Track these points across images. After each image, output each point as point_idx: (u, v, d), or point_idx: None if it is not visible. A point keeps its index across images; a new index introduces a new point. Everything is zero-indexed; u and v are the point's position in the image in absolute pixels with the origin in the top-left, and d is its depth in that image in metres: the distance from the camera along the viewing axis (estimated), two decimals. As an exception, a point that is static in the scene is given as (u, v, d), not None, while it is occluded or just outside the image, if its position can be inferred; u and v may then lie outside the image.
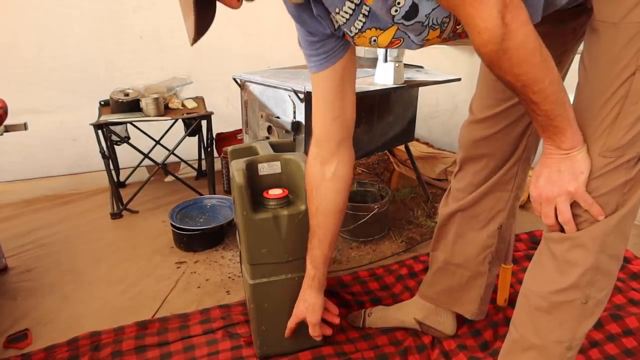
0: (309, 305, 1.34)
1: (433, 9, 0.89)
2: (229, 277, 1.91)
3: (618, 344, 1.45)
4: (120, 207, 2.43)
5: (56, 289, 1.85)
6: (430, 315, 1.50)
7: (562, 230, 1.00)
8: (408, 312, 1.54)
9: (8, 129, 1.88)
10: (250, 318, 1.48)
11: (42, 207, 2.52)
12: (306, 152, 1.71)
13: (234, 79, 2.09)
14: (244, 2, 0.93)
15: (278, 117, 1.93)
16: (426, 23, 0.91)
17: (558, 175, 0.95)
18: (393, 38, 0.99)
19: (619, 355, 1.42)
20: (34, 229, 2.29)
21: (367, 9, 0.93)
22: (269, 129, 1.97)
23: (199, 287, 1.86)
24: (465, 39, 0.98)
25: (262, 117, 2.00)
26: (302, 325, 1.43)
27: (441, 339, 1.49)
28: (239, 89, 2.11)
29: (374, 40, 1.00)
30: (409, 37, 0.99)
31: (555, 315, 1.05)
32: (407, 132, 2.38)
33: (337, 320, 1.42)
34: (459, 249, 1.38)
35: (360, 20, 0.95)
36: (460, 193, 1.34)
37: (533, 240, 2.05)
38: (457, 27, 0.96)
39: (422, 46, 1.02)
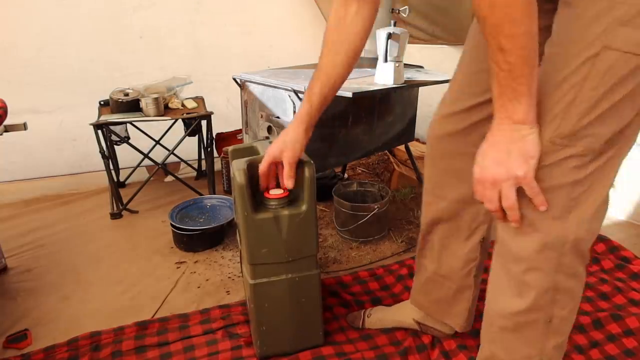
0: (291, 140, 1.21)
1: None
2: (229, 277, 1.91)
3: (618, 344, 1.45)
4: (120, 207, 2.43)
5: (56, 289, 1.85)
6: (429, 316, 1.49)
7: (504, 216, 0.94)
8: (407, 313, 1.53)
9: (8, 129, 1.88)
10: (250, 318, 1.48)
11: (42, 207, 2.52)
12: (307, 152, 1.71)
13: (234, 79, 2.09)
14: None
15: (278, 117, 1.93)
16: None
17: (507, 157, 0.87)
18: None
19: (619, 356, 1.42)
20: (34, 229, 2.29)
21: None
22: (269, 129, 1.97)
23: (199, 287, 1.85)
24: None
25: (262, 117, 2.00)
26: (302, 325, 1.43)
27: (441, 339, 1.49)
28: (239, 89, 2.11)
29: None
30: None
31: (521, 334, 1.03)
32: (407, 132, 2.38)
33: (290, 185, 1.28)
34: (445, 260, 1.35)
35: None
36: (439, 201, 1.29)
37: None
38: None
39: None
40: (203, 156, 2.76)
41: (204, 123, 2.44)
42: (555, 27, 0.90)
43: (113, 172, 2.48)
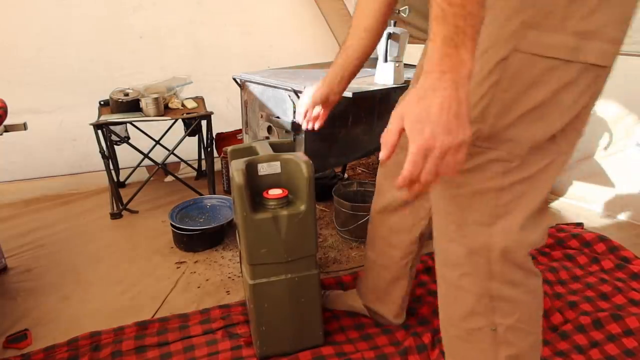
0: (328, 84, 1.35)
1: None
2: (229, 277, 1.91)
3: (618, 344, 1.45)
4: (120, 207, 2.43)
5: (56, 289, 1.85)
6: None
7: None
8: (357, 298, 1.60)
9: (8, 129, 1.88)
10: (250, 318, 1.48)
11: (42, 207, 2.52)
12: (306, 152, 1.71)
13: (234, 79, 2.09)
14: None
15: (278, 117, 1.93)
16: None
17: (457, 113, 0.72)
18: None
19: (619, 356, 1.42)
20: (34, 229, 2.30)
21: None
22: (269, 129, 1.97)
23: (199, 287, 1.85)
24: None
25: (262, 117, 2.00)
26: (302, 325, 1.43)
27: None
28: (239, 89, 2.10)
29: None
30: None
31: (472, 343, 1.03)
32: (407, 132, 2.37)
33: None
34: (386, 251, 1.42)
35: None
36: (387, 192, 1.36)
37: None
38: None
39: None
40: (203, 156, 2.76)
41: (204, 123, 2.44)
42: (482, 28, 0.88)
43: (113, 172, 2.48)
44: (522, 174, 0.88)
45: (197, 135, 2.61)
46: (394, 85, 1.92)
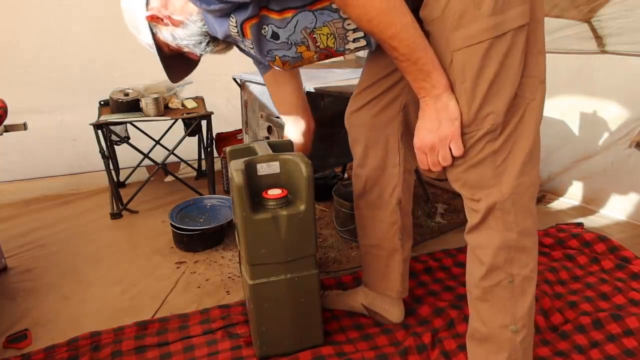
0: None
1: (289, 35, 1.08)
2: (229, 277, 1.91)
3: (618, 344, 1.45)
4: (120, 207, 2.43)
5: (56, 289, 1.85)
6: (376, 302, 1.58)
7: (444, 176, 1.13)
8: (357, 298, 1.62)
9: (8, 129, 1.88)
10: (250, 318, 1.48)
11: (42, 207, 2.52)
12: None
13: (234, 79, 2.09)
14: None
15: (278, 117, 1.93)
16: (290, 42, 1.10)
17: (438, 126, 1.03)
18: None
19: (619, 356, 1.42)
20: (34, 229, 2.30)
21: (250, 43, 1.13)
22: (269, 129, 1.97)
23: (198, 287, 1.85)
24: (335, 54, 1.18)
25: (262, 117, 2.00)
26: (302, 325, 1.43)
27: (442, 339, 1.49)
28: (239, 89, 2.10)
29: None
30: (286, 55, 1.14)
31: (491, 302, 1.14)
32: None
33: None
34: (372, 230, 1.49)
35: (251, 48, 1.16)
36: (357, 179, 1.47)
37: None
38: (317, 44, 1.11)
39: (299, 60, 1.17)
40: (203, 156, 2.76)
41: (204, 123, 2.44)
42: None
43: (113, 172, 2.49)
44: (506, 133, 1.04)
45: (197, 135, 2.61)
46: (394, 85, 1.92)
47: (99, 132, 2.27)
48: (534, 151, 1.08)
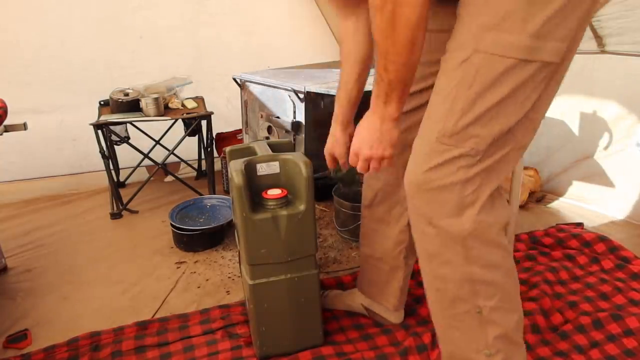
0: (335, 140, 1.39)
1: None
2: (229, 277, 1.91)
3: (618, 344, 1.45)
4: (120, 207, 2.43)
5: (56, 289, 1.85)
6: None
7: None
8: (356, 299, 1.61)
9: (8, 129, 1.88)
10: (250, 318, 1.48)
11: (42, 207, 2.52)
12: (306, 152, 1.71)
13: (234, 79, 2.09)
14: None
15: (278, 117, 1.93)
16: None
17: (379, 143, 1.05)
18: None
19: (619, 356, 1.42)
20: (34, 229, 2.30)
21: None
22: (269, 129, 1.97)
23: (199, 287, 1.85)
24: None
25: (262, 117, 2.00)
26: (302, 325, 1.43)
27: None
28: (239, 89, 2.11)
29: None
30: None
31: (461, 329, 1.09)
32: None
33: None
34: (378, 243, 1.45)
35: None
36: (368, 189, 1.43)
37: (533, 241, 2.04)
38: None
39: None
40: (203, 156, 2.76)
41: (204, 123, 2.44)
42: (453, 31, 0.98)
43: (113, 172, 2.48)
44: (483, 165, 0.97)
45: (197, 135, 2.61)
46: (394, 85, 1.92)
47: (99, 132, 2.27)
48: (501, 187, 1.03)
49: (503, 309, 1.06)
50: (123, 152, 2.61)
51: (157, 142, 2.58)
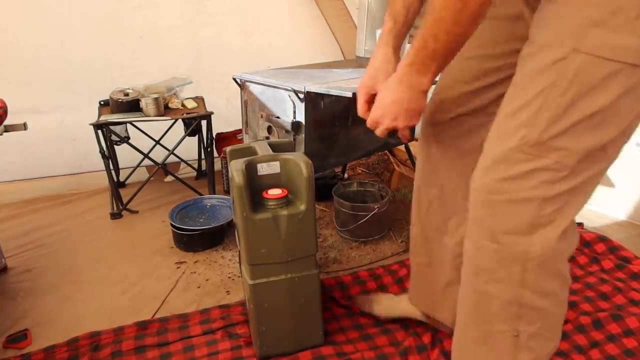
0: (382, 64, 1.08)
1: None
2: (229, 277, 1.91)
3: (618, 344, 1.45)
4: (120, 207, 2.43)
5: (56, 289, 1.85)
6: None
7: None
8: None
9: (8, 129, 1.87)
10: (250, 318, 1.48)
11: (42, 207, 2.52)
12: (306, 152, 1.71)
13: (234, 79, 2.09)
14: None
15: (278, 117, 1.92)
16: None
17: (406, 111, 0.96)
18: None
19: (619, 356, 1.42)
20: (34, 229, 2.29)
21: None
22: (269, 129, 1.97)
23: (199, 287, 1.85)
24: None
25: (262, 117, 2.00)
26: (302, 325, 1.43)
27: (442, 339, 1.49)
28: (239, 89, 2.10)
29: None
30: None
31: (490, 347, 1.00)
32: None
33: None
34: (435, 254, 1.34)
35: None
36: (421, 196, 1.32)
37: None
38: None
39: None
40: (203, 156, 2.76)
41: (204, 123, 2.44)
42: (535, 24, 0.86)
43: (113, 172, 2.48)
44: (569, 184, 0.83)
45: (197, 135, 2.61)
46: (394, 85, 1.92)
47: (99, 132, 2.26)
48: (575, 220, 0.92)
49: (542, 337, 0.98)
50: (123, 152, 2.61)
51: (157, 142, 2.58)
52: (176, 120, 2.41)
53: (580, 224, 2.17)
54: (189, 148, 2.71)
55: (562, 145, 0.81)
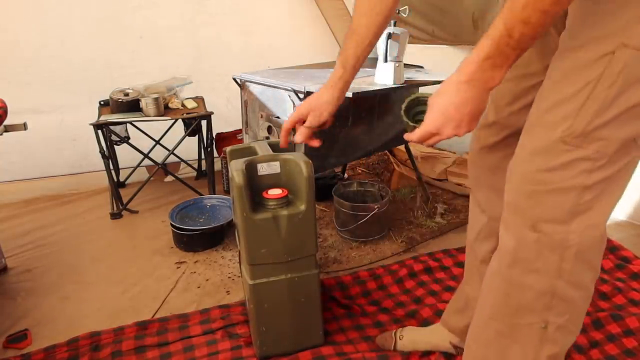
0: (322, 102, 1.21)
1: None
2: (229, 277, 1.91)
3: (618, 344, 1.45)
4: (120, 207, 2.43)
5: (56, 289, 1.85)
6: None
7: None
8: (443, 336, 1.43)
9: (8, 129, 1.88)
10: (250, 318, 1.48)
11: (42, 207, 2.52)
12: (306, 153, 1.71)
13: (234, 79, 2.09)
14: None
15: (278, 117, 1.92)
16: None
17: (472, 114, 0.88)
18: None
19: (619, 356, 1.42)
20: (34, 229, 2.29)
21: None
22: (269, 129, 1.97)
23: (198, 287, 1.85)
24: None
25: (262, 117, 2.00)
26: (302, 325, 1.43)
27: None
28: (239, 89, 2.10)
29: None
30: None
31: (515, 338, 1.01)
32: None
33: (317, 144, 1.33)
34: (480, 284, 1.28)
35: None
36: (476, 222, 1.26)
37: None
38: None
39: None
40: (203, 156, 2.76)
41: (204, 123, 2.44)
42: (573, 19, 0.87)
43: (113, 172, 2.48)
44: (606, 172, 0.86)
45: (197, 135, 2.61)
46: (394, 85, 1.92)
47: (99, 132, 2.27)
48: (614, 206, 0.93)
49: (567, 330, 0.99)
50: (123, 152, 2.61)
51: (157, 142, 2.58)
52: (176, 120, 2.41)
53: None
54: (189, 148, 2.71)
55: (605, 135, 0.83)
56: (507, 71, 0.83)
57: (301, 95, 1.79)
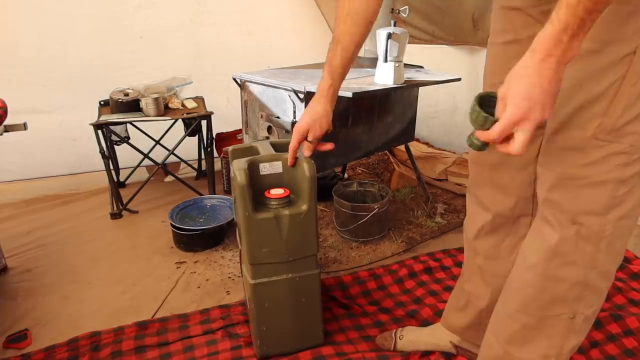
0: (318, 116, 1.24)
1: None
2: (229, 277, 1.91)
3: (618, 344, 1.45)
4: (120, 207, 2.43)
5: (56, 289, 1.85)
6: (465, 342, 1.41)
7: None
8: (443, 336, 1.43)
9: (8, 129, 1.87)
10: (250, 318, 1.48)
11: (42, 207, 2.51)
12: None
13: (234, 79, 2.09)
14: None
15: (278, 117, 1.93)
16: None
17: (552, 93, 0.79)
18: None
19: (619, 356, 1.42)
20: (34, 229, 2.29)
21: None
22: (269, 129, 1.97)
23: (199, 287, 1.85)
24: None
25: (262, 117, 2.00)
26: (302, 325, 1.43)
27: None
28: (239, 89, 2.10)
29: None
30: None
31: (542, 330, 1.03)
32: (407, 132, 2.37)
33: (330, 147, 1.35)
34: (485, 281, 1.29)
35: None
36: (474, 221, 1.27)
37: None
38: None
39: None
40: (203, 156, 2.76)
41: (204, 123, 2.44)
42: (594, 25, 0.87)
43: (113, 172, 2.48)
44: (639, 166, 0.90)
45: (197, 135, 2.61)
46: (394, 85, 1.92)
47: (99, 132, 2.26)
48: None
49: (590, 322, 1.03)
50: (123, 152, 2.61)
51: (157, 142, 2.58)
52: (176, 120, 2.41)
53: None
54: (189, 148, 2.71)
55: (635, 129, 0.87)
56: (583, 40, 0.77)
57: (301, 95, 1.79)
